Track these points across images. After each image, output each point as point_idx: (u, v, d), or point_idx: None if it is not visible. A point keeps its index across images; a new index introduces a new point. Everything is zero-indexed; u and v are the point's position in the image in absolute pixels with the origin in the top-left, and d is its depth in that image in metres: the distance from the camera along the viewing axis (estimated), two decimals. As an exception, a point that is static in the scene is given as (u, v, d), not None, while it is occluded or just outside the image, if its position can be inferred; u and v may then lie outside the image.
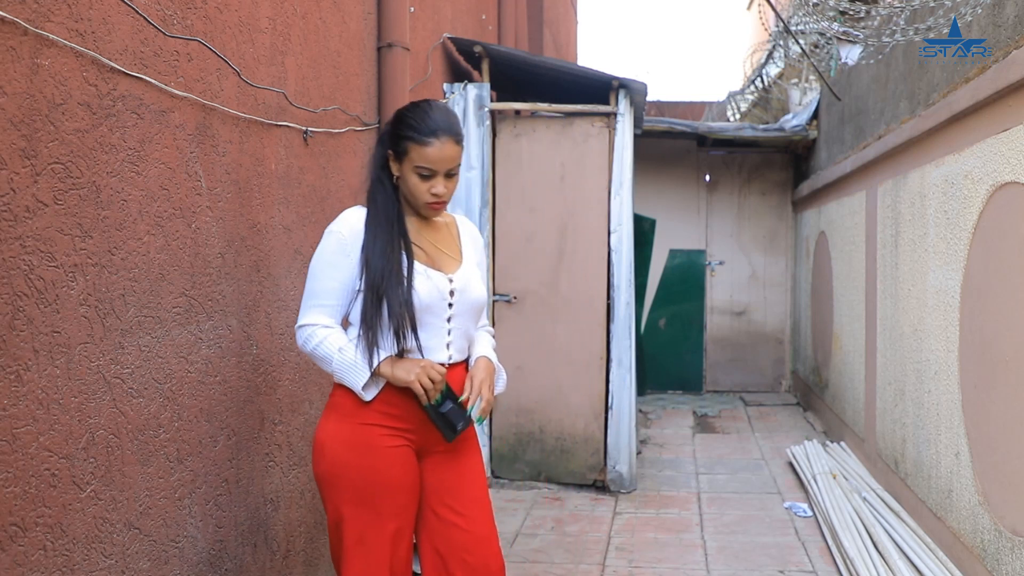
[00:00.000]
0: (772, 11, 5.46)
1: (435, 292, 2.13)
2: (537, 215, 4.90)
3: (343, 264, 2.10)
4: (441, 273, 2.17)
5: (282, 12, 2.70)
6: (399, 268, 2.09)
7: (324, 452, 2.10)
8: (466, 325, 2.22)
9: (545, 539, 4.06)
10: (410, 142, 2.09)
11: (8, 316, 1.54)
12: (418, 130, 2.09)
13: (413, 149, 2.08)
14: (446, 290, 2.16)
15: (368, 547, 2.07)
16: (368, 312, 2.07)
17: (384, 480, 2.08)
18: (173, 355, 2.09)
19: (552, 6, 9.42)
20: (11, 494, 1.55)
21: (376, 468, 2.08)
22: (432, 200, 2.12)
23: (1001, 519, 3.03)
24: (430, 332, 2.14)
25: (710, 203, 8.33)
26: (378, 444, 2.09)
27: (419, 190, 2.11)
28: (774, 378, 8.31)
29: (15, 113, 1.55)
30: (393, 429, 2.11)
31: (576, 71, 5.04)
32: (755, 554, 3.89)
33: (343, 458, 2.07)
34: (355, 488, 2.07)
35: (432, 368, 2.05)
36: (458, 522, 2.16)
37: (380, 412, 2.10)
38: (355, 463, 2.07)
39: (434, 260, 2.19)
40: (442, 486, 2.19)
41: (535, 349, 4.88)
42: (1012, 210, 3.01)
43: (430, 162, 2.08)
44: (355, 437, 2.08)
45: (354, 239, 2.11)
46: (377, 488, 2.07)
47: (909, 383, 4.20)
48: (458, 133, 2.13)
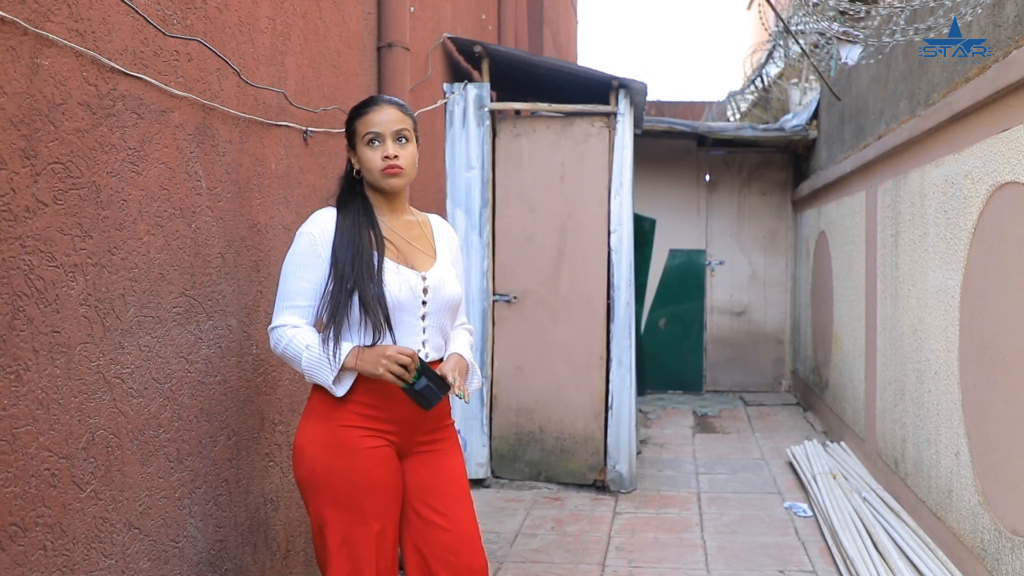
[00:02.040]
0: (772, 11, 5.46)
1: (407, 289, 2.12)
2: (537, 215, 4.90)
3: (314, 264, 2.09)
4: (413, 271, 2.16)
5: (282, 12, 2.71)
6: (370, 262, 2.08)
7: (304, 456, 2.08)
8: (441, 323, 2.21)
9: (545, 539, 4.06)
10: (355, 122, 2.17)
11: (8, 316, 1.54)
12: (358, 107, 2.20)
13: (358, 123, 2.16)
14: (419, 288, 2.15)
15: (352, 549, 2.05)
16: (335, 306, 2.06)
17: (366, 481, 2.07)
18: (173, 355, 2.09)
19: (552, 6, 9.42)
20: (11, 494, 1.55)
21: (357, 469, 2.06)
22: (386, 165, 2.13)
23: (1001, 519, 3.03)
24: (404, 330, 2.13)
25: (710, 203, 8.33)
26: (358, 445, 2.07)
27: (372, 160, 2.14)
28: (774, 378, 8.31)
29: (15, 113, 1.55)
30: (372, 430, 2.10)
31: (576, 71, 5.05)
32: (755, 554, 3.89)
33: (323, 460, 2.06)
34: (336, 490, 2.06)
35: (398, 354, 2.02)
36: (440, 522, 2.16)
37: (357, 413, 2.09)
38: (335, 465, 2.06)
39: (406, 257, 2.18)
40: (423, 486, 2.18)
41: (535, 349, 4.88)
42: (1012, 210, 3.01)
43: (373, 126, 2.14)
44: (334, 439, 2.07)
45: (325, 239, 2.10)
46: (358, 490, 2.06)
47: (909, 383, 4.20)
48: (399, 103, 2.21)
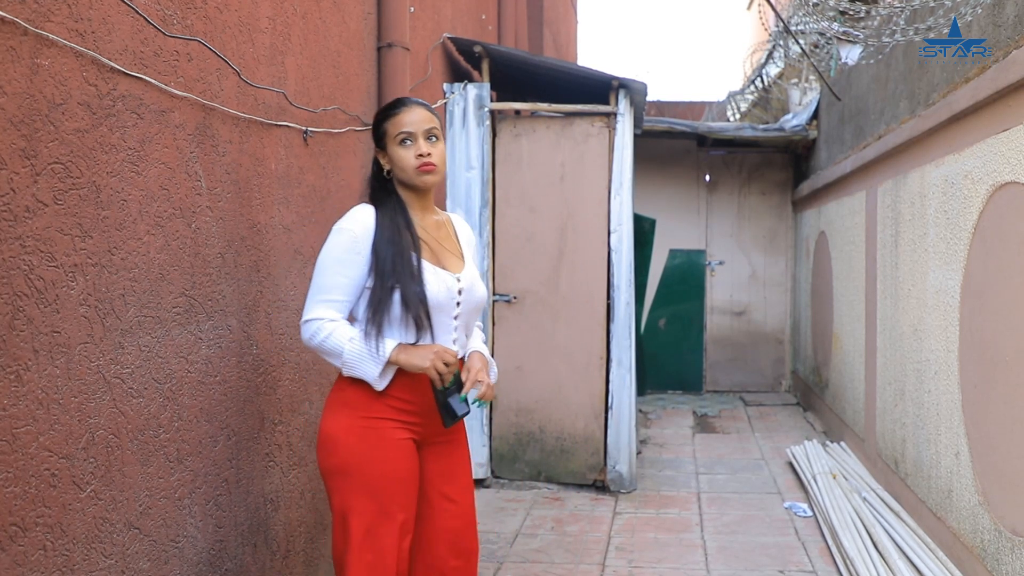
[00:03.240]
0: (772, 11, 5.46)
1: (444, 290, 2.18)
2: (537, 215, 4.90)
3: (354, 261, 2.13)
4: (448, 272, 2.22)
5: (282, 12, 2.71)
6: (410, 262, 2.14)
7: (337, 445, 2.13)
8: (469, 322, 2.30)
9: (545, 539, 4.06)
10: (385, 123, 2.23)
11: (8, 316, 1.54)
12: (386, 109, 2.26)
13: (389, 125, 2.22)
14: (455, 289, 2.21)
15: (376, 539, 2.09)
16: (376, 303, 2.11)
17: (394, 472, 2.12)
18: (173, 355, 2.09)
19: (552, 6, 9.42)
20: (11, 494, 1.55)
21: (387, 460, 2.12)
22: (420, 162, 2.18)
23: (1001, 519, 3.03)
24: (439, 329, 2.20)
25: (710, 203, 8.33)
26: (389, 436, 2.14)
27: (406, 159, 2.19)
28: (774, 378, 8.31)
29: (15, 113, 1.55)
30: (401, 422, 2.16)
31: (576, 71, 5.04)
32: (755, 554, 3.89)
33: (356, 451, 2.11)
34: (368, 480, 2.10)
35: (445, 352, 2.11)
36: (451, 509, 2.26)
37: (389, 405, 2.15)
38: (368, 456, 2.11)
39: (440, 259, 2.24)
40: (440, 475, 2.26)
41: (535, 349, 4.88)
42: (1012, 210, 3.01)
43: (405, 126, 2.19)
44: (367, 430, 2.13)
45: (366, 236, 2.14)
46: (387, 480, 2.11)
47: (909, 383, 4.20)
48: (426, 104, 2.27)
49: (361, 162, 3.43)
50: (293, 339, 2.79)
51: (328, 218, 3.07)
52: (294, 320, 2.78)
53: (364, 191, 2.30)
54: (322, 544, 3.07)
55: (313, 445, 2.95)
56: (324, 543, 3.08)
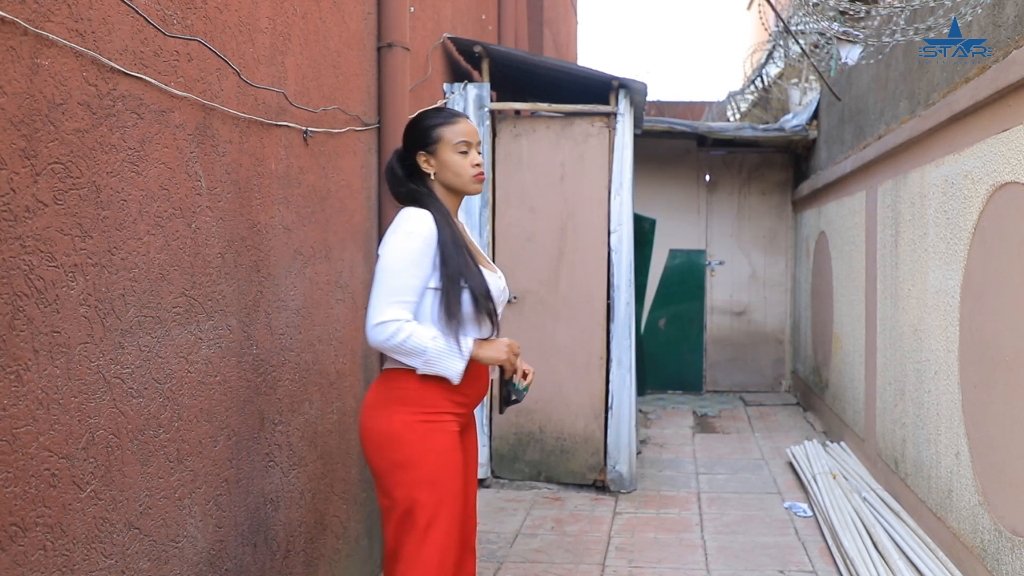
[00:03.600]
0: (772, 11, 5.46)
1: (497, 290, 2.34)
2: (537, 215, 4.90)
3: (426, 263, 2.23)
4: (493, 273, 2.38)
5: (282, 12, 2.70)
6: (473, 263, 2.28)
7: (400, 442, 2.21)
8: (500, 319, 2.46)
9: (545, 539, 4.06)
10: (440, 128, 2.31)
11: (8, 316, 1.54)
12: (443, 116, 2.33)
13: (446, 131, 2.30)
14: (501, 287, 2.38)
15: (441, 528, 2.19)
16: (450, 303, 2.22)
17: (455, 464, 2.25)
18: (173, 355, 2.09)
19: (552, 6, 9.42)
20: (11, 494, 1.55)
21: (446, 451, 2.23)
22: (476, 172, 2.32)
23: (1001, 519, 3.03)
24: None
25: (710, 203, 8.33)
26: (448, 429, 2.25)
27: (463, 166, 2.31)
28: (774, 378, 8.31)
29: (15, 113, 1.55)
30: (455, 415, 2.29)
31: (576, 71, 5.04)
32: (755, 554, 3.89)
33: (422, 444, 2.21)
34: (431, 472, 2.20)
35: (514, 344, 2.34)
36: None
37: (451, 400, 2.26)
38: (432, 447, 2.21)
39: (480, 259, 2.38)
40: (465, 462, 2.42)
41: (535, 349, 4.88)
42: (1012, 210, 3.01)
43: (464, 135, 2.30)
44: (427, 424, 2.22)
45: (433, 239, 2.24)
46: (448, 471, 2.23)
47: (909, 383, 4.20)
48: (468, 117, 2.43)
49: (361, 162, 3.43)
50: (293, 339, 2.79)
51: (328, 218, 3.07)
52: (294, 320, 2.78)
53: (398, 191, 2.37)
54: (322, 544, 3.07)
55: (314, 445, 2.95)
56: (324, 543, 3.08)
